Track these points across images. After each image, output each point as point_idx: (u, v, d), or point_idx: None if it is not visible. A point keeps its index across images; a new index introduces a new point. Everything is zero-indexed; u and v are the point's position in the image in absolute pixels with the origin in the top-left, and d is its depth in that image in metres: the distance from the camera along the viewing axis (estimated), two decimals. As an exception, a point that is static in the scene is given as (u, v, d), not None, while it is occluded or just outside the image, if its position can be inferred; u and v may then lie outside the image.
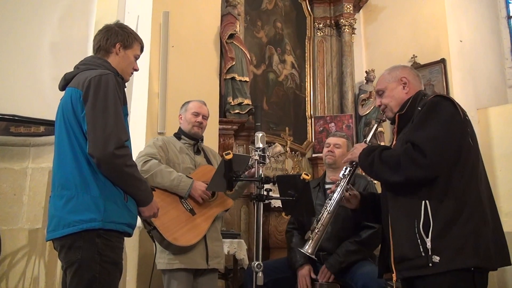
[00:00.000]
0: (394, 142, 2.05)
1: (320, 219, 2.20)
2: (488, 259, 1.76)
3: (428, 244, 1.75)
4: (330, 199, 2.21)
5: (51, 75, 3.82)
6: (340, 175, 2.22)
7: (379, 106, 2.15)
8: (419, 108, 1.93)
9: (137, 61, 2.11)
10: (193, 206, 2.61)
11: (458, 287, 1.75)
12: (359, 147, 2.09)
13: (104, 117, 1.77)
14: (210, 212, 2.66)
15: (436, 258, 1.73)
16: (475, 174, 1.85)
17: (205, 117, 2.89)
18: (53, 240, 1.85)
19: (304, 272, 2.82)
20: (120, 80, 1.91)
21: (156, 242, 2.53)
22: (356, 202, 2.24)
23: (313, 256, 2.22)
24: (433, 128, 1.83)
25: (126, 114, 1.93)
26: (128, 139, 1.85)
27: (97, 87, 1.80)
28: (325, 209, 2.20)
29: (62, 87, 1.97)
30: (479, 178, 1.87)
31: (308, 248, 2.18)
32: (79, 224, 1.74)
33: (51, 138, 3.47)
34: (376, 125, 2.27)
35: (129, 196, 1.86)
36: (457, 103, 1.91)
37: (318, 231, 2.18)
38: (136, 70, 2.11)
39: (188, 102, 2.93)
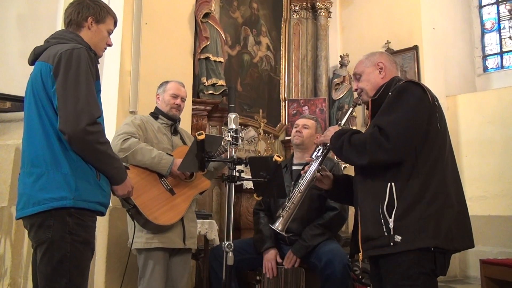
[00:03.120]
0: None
1: (291, 197, 2.24)
2: (449, 241, 1.82)
3: (391, 224, 1.81)
4: (302, 179, 2.25)
5: (18, 49, 3.68)
6: (313, 156, 2.25)
7: (356, 89, 2.19)
8: (390, 93, 1.96)
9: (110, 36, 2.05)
10: (173, 186, 2.60)
11: (418, 266, 1.80)
12: (332, 130, 2.13)
13: (75, 92, 1.71)
14: (189, 192, 2.67)
15: (398, 238, 1.79)
16: (441, 158, 1.89)
17: (183, 99, 2.87)
18: (22, 218, 1.80)
19: (270, 256, 2.86)
20: (92, 55, 1.85)
21: (135, 221, 2.50)
22: (329, 183, 2.30)
23: (283, 233, 2.26)
24: (399, 113, 1.86)
25: (98, 90, 1.87)
26: (100, 115, 1.79)
27: (68, 61, 1.73)
28: (297, 188, 2.24)
29: (32, 62, 1.90)
30: (445, 162, 1.91)
31: (278, 225, 2.22)
32: (49, 202, 1.70)
33: (18, 115, 3.37)
34: (351, 108, 2.31)
35: (102, 174, 1.82)
36: (427, 88, 1.95)
37: (288, 208, 2.23)
38: (110, 45, 2.05)
39: (167, 82, 2.88)
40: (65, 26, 1.96)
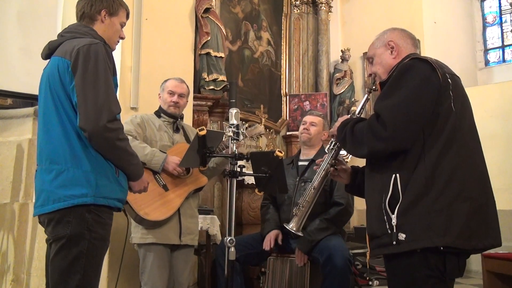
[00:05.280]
0: None
1: (305, 195, 2.18)
2: (466, 239, 1.57)
3: (394, 221, 1.60)
4: (315, 175, 2.15)
5: (18, 45, 3.68)
6: (326, 149, 2.12)
7: (370, 75, 1.99)
8: (393, 74, 1.75)
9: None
10: (167, 182, 2.62)
11: (425, 268, 1.60)
12: (340, 120, 1.93)
13: (95, 89, 1.69)
14: (184, 188, 2.67)
15: (402, 236, 1.59)
16: (455, 143, 1.64)
17: (183, 95, 2.85)
18: (39, 214, 1.79)
19: (271, 234, 2.91)
20: (109, 50, 1.83)
21: (129, 217, 2.52)
22: (347, 177, 2.12)
23: (299, 233, 2.21)
24: (399, 95, 1.65)
25: (116, 86, 1.85)
26: (120, 111, 1.78)
27: (87, 57, 1.71)
28: (311, 185, 2.17)
29: (46, 56, 1.88)
30: (462, 147, 1.66)
31: (292, 226, 2.18)
32: (70, 199, 1.69)
33: (19, 111, 3.37)
34: (366, 95, 2.09)
35: (120, 170, 1.82)
36: (438, 64, 1.71)
37: (302, 207, 2.17)
38: (123, 38, 2.03)
39: (166, 80, 2.89)
40: (77, 20, 1.94)
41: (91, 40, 1.78)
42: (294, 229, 2.18)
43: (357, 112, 2.00)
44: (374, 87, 2.01)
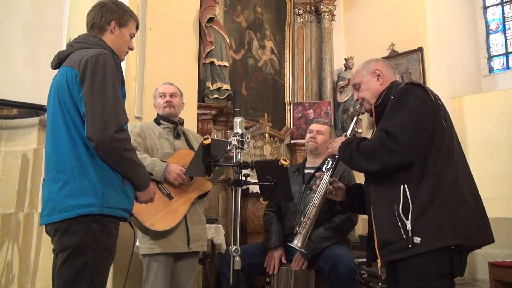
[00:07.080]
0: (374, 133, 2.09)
1: (306, 213, 2.28)
2: (468, 238, 1.80)
3: (409, 226, 1.79)
4: (315, 193, 2.28)
5: (23, 56, 3.72)
6: (323, 168, 2.27)
7: (357, 99, 2.20)
8: (392, 97, 1.97)
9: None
10: (171, 191, 2.61)
11: (436, 267, 1.77)
12: (339, 141, 2.14)
13: (102, 99, 1.70)
14: (188, 195, 2.66)
15: (417, 239, 1.77)
16: (451, 156, 1.89)
17: (174, 95, 2.87)
18: (46, 224, 1.79)
19: (275, 254, 2.88)
20: (117, 60, 1.84)
21: (135, 228, 2.51)
22: (342, 194, 2.29)
23: (303, 250, 2.29)
24: (404, 115, 1.87)
25: (123, 96, 1.86)
26: (127, 121, 1.79)
27: (95, 68, 1.73)
28: (311, 203, 2.27)
29: (55, 66, 1.90)
30: (456, 159, 1.90)
31: (297, 243, 2.26)
32: (76, 208, 1.69)
33: (25, 121, 3.39)
34: (355, 118, 2.31)
35: (127, 180, 1.82)
36: (428, 88, 1.95)
37: (305, 224, 2.26)
38: (132, 49, 2.05)
39: (156, 88, 2.93)
40: (87, 30, 1.95)
41: (100, 51, 1.79)
42: (299, 245, 2.25)
43: (348, 133, 2.22)
44: (362, 111, 2.25)
